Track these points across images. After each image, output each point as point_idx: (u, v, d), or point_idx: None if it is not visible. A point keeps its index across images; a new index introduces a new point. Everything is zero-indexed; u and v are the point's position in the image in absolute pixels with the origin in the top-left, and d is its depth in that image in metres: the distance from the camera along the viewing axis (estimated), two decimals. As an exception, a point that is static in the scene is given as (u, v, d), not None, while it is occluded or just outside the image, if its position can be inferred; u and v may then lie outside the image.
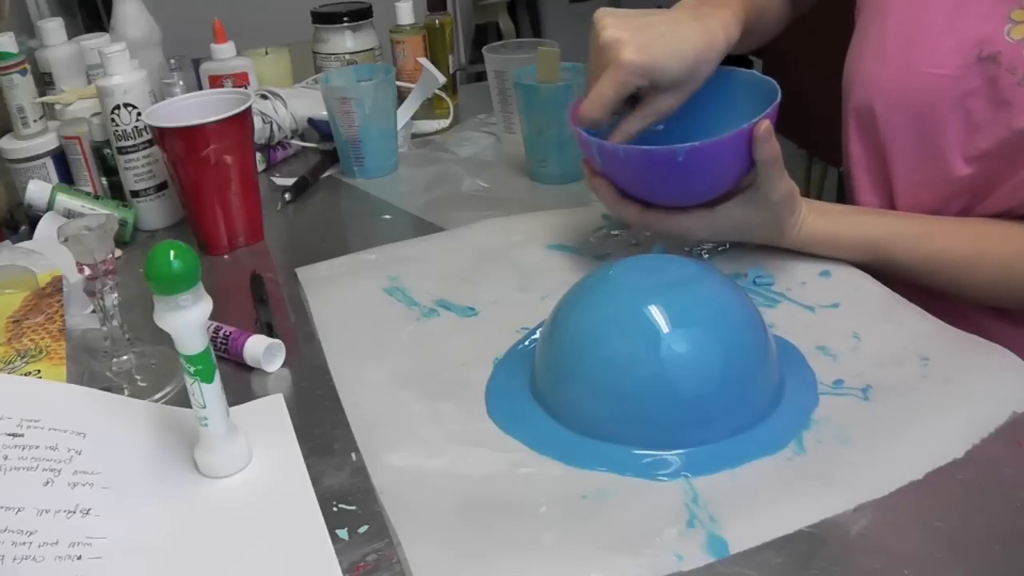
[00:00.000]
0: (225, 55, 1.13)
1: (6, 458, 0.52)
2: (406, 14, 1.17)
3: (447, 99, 1.17)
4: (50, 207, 0.89)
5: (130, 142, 0.89)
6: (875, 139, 0.76)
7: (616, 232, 0.84)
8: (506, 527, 0.51)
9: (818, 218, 0.72)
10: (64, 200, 0.89)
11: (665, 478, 0.53)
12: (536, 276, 0.77)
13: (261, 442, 0.58)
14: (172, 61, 1.17)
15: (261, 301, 0.75)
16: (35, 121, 0.96)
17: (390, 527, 0.51)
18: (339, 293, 0.78)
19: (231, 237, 0.89)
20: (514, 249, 0.82)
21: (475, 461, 0.56)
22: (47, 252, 0.80)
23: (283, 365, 0.69)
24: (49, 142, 0.97)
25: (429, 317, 0.73)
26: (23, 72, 0.95)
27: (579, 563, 0.48)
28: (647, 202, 0.72)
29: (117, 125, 0.88)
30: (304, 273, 0.82)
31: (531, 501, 0.52)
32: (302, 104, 1.13)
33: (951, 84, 0.69)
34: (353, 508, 0.53)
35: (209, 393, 0.54)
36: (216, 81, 1.13)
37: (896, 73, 0.73)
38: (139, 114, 0.88)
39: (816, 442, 0.55)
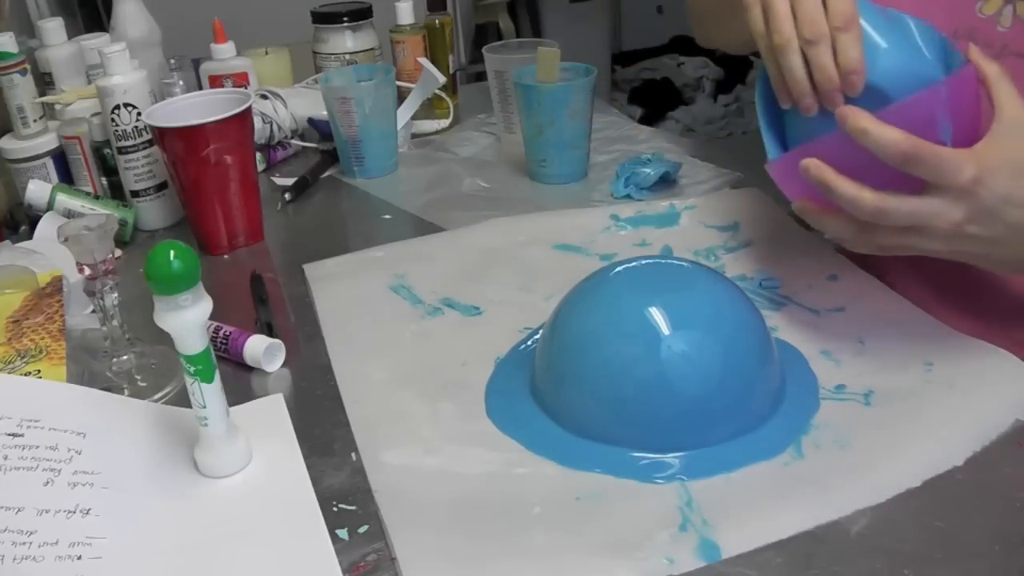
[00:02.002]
0: (225, 55, 1.13)
1: (6, 458, 0.52)
2: (406, 14, 1.17)
3: (447, 99, 1.17)
4: (50, 207, 0.89)
5: (130, 142, 0.89)
6: None
7: (623, 232, 0.84)
8: (498, 528, 0.51)
9: None
10: (64, 200, 0.89)
11: (661, 481, 0.53)
12: (542, 276, 0.77)
13: (261, 442, 0.58)
14: (172, 61, 1.17)
15: (261, 301, 0.75)
16: (35, 121, 0.96)
17: (383, 526, 0.51)
18: (345, 289, 0.78)
19: (231, 237, 0.89)
20: (521, 248, 0.82)
21: (471, 460, 0.56)
22: (47, 252, 0.80)
23: (283, 365, 0.69)
24: (49, 142, 0.97)
25: (433, 315, 0.73)
26: (23, 72, 0.95)
27: (569, 565, 0.48)
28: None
29: (117, 125, 0.88)
30: (311, 270, 0.82)
31: (525, 502, 0.52)
32: (302, 104, 1.13)
33: None
34: (353, 508, 0.53)
35: (209, 393, 0.54)
36: (216, 81, 1.13)
37: None
38: (139, 114, 0.88)
39: (814, 447, 0.55)
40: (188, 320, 0.52)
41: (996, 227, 0.55)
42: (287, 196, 0.99)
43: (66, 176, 0.97)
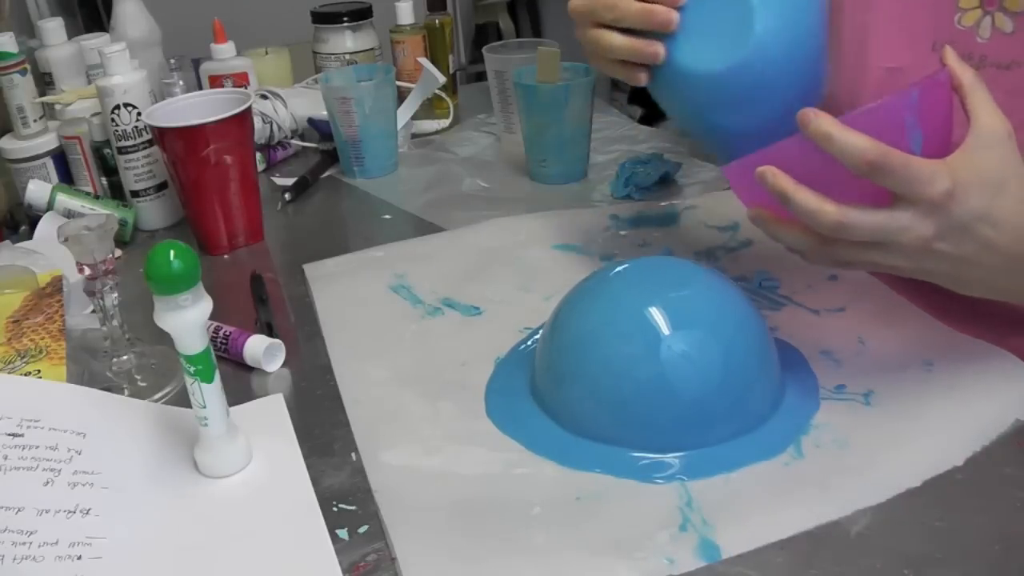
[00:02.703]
0: (225, 55, 1.13)
1: (6, 458, 0.52)
2: (406, 14, 1.17)
3: (447, 99, 1.17)
4: (50, 207, 0.89)
5: (130, 142, 0.89)
6: None
7: (623, 232, 0.84)
8: (498, 528, 0.51)
9: None
10: (64, 200, 0.89)
11: (661, 481, 0.53)
12: (542, 276, 0.77)
13: (261, 442, 0.58)
14: (172, 61, 1.17)
15: (261, 301, 0.75)
16: (35, 121, 0.96)
17: (383, 526, 0.51)
18: (345, 289, 0.78)
19: (231, 237, 0.89)
20: (521, 249, 0.82)
21: (471, 460, 0.56)
22: (47, 252, 0.80)
23: (283, 365, 0.69)
24: (49, 142, 0.97)
25: (433, 315, 0.73)
26: (23, 72, 0.95)
27: (569, 565, 0.48)
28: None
29: (117, 125, 0.88)
30: (311, 270, 0.82)
31: (525, 502, 0.52)
32: (302, 104, 1.13)
33: (907, 77, 0.69)
34: (353, 508, 0.53)
35: (209, 393, 0.54)
36: (216, 81, 1.13)
37: (852, 73, 0.72)
38: (139, 114, 0.88)
39: (814, 447, 0.55)
40: (188, 320, 0.52)
41: (966, 245, 0.52)
42: (287, 196, 0.99)
43: (66, 176, 0.97)
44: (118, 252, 0.78)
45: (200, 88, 1.14)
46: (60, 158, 0.97)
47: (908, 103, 0.52)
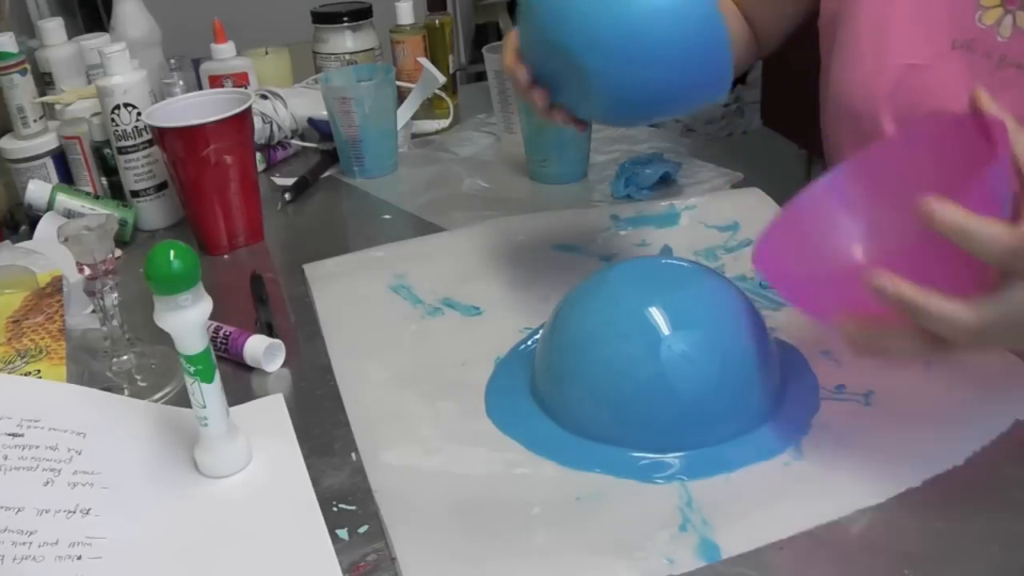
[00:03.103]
0: (225, 55, 1.13)
1: (6, 458, 0.52)
2: (406, 14, 1.17)
3: (447, 99, 1.17)
4: (50, 207, 0.89)
5: (130, 142, 0.89)
6: (867, 140, 0.76)
7: (623, 232, 0.84)
8: (498, 528, 0.51)
9: None
10: (64, 200, 0.89)
11: (661, 481, 0.53)
12: (542, 276, 0.77)
13: (261, 442, 0.58)
14: (172, 61, 1.17)
15: (261, 301, 0.75)
16: (35, 121, 0.96)
17: (383, 526, 0.51)
18: (345, 289, 0.78)
19: (231, 237, 0.89)
20: (521, 249, 0.82)
21: (471, 460, 0.56)
22: (47, 252, 0.80)
23: (283, 365, 0.69)
24: (49, 142, 0.97)
25: (433, 315, 0.73)
26: (23, 72, 0.95)
27: (569, 565, 0.48)
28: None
29: (117, 125, 0.88)
30: (311, 269, 0.82)
31: (525, 502, 0.52)
32: (302, 104, 1.13)
33: (926, 74, 0.69)
34: (353, 508, 0.53)
35: (209, 393, 0.54)
36: (216, 81, 1.13)
37: (870, 68, 0.72)
38: (139, 114, 0.88)
39: (814, 447, 0.55)
40: (188, 320, 0.52)
41: None
42: (287, 196, 0.99)
43: (66, 176, 0.97)
44: (118, 252, 0.78)
45: (200, 88, 1.14)
46: (60, 158, 0.97)
47: (1004, 168, 0.48)
